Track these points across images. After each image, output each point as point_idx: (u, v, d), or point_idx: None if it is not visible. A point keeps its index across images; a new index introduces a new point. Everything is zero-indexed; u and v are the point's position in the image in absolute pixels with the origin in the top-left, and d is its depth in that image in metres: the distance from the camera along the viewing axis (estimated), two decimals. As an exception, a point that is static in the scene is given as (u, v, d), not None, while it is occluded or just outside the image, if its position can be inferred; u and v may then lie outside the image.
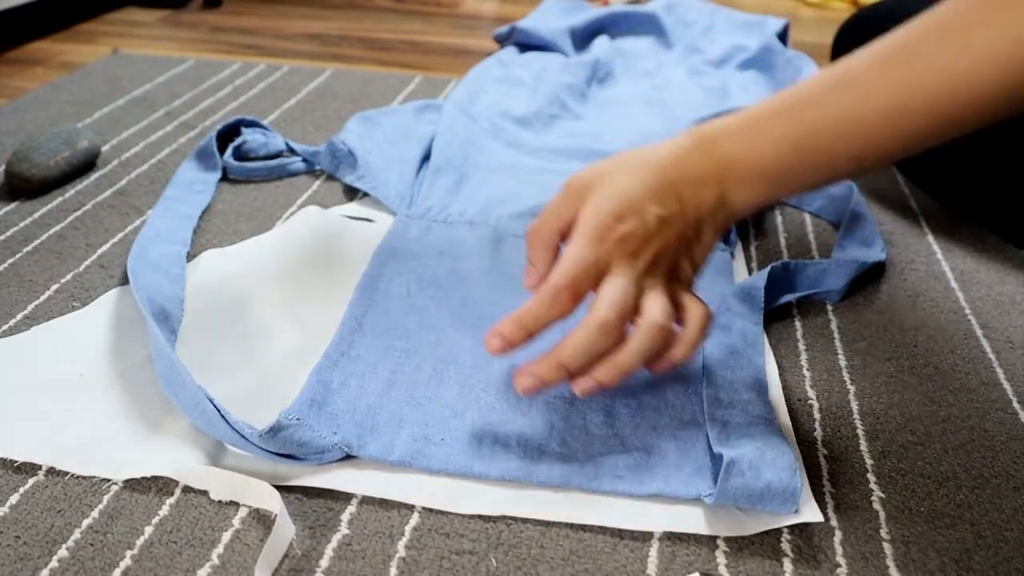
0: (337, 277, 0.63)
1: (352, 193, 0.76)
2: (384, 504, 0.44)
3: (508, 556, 0.41)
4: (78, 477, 0.45)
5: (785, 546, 0.42)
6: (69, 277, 0.63)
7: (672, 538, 0.42)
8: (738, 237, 0.69)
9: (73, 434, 0.47)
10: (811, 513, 0.42)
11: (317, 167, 0.80)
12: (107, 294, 0.60)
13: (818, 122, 0.43)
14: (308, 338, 0.55)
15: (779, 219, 0.73)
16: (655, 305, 0.45)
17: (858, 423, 0.50)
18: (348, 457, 0.46)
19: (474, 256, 0.64)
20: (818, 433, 0.50)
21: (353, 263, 0.64)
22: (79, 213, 0.72)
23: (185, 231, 0.67)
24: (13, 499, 0.44)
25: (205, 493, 0.44)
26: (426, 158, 0.80)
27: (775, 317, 0.60)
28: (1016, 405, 0.52)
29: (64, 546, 0.41)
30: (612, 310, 0.44)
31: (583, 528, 0.43)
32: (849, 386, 0.53)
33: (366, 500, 0.44)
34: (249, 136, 0.81)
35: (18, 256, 0.65)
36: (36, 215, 0.71)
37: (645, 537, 0.42)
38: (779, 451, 0.44)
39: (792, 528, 0.43)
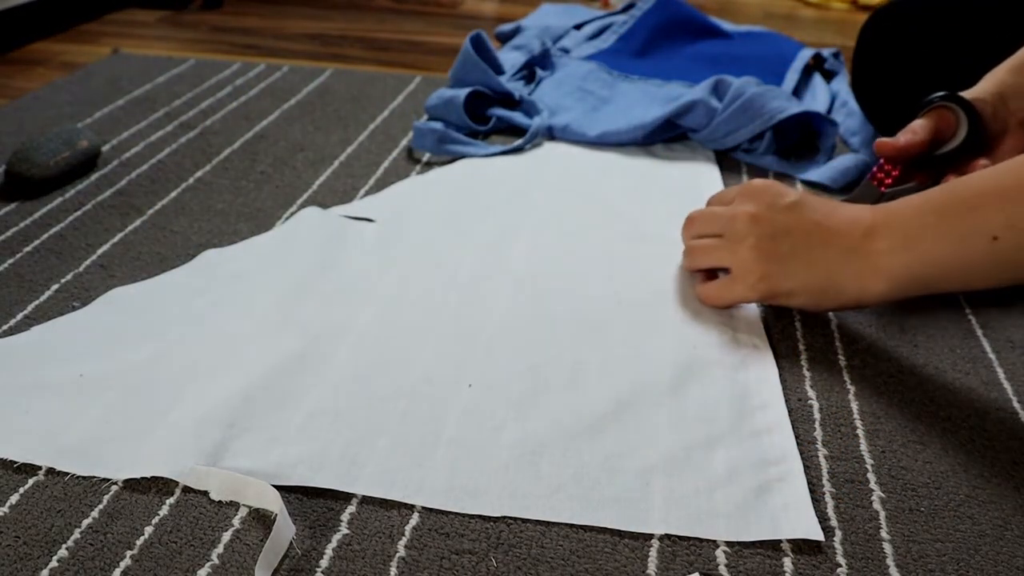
0: (337, 278, 0.63)
1: (352, 193, 0.76)
2: (384, 504, 0.44)
3: (508, 556, 0.41)
4: (78, 477, 0.45)
5: (785, 546, 0.42)
6: (69, 277, 0.63)
7: (672, 538, 0.42)
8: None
9: (73, 434, 0.47)
10: (812, 530, 0.43)
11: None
12: (107, 294, 0.60)
13: (965, 189, 0.49)
14: (307, 339, 0.55)
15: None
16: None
17: (858, 423, 0.50)
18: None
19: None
20: (818, 433, 0.50)
21: (353, 264, 0.64)
22: (79, 213, 0.72)
23: None
24: (13, 499, 0.44)
25: (205, 493, 0.44)
26: None
27: (775, 316, 0.60)
28: (1016, 405, 0.52)
29: (64, 546, 0.41)
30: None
31: (583, 528, 0.43)
32: (849, 386, 0.53)
33: (366, 500, 0.44)
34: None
35: (18, 256, 0.65)
36: (36, 215, 0.71)
37: (645, 537, 0.42)
38: None
39: (792, 528, 0.43)
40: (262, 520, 0.43)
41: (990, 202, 0.47)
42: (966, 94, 0.65)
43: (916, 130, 0.64)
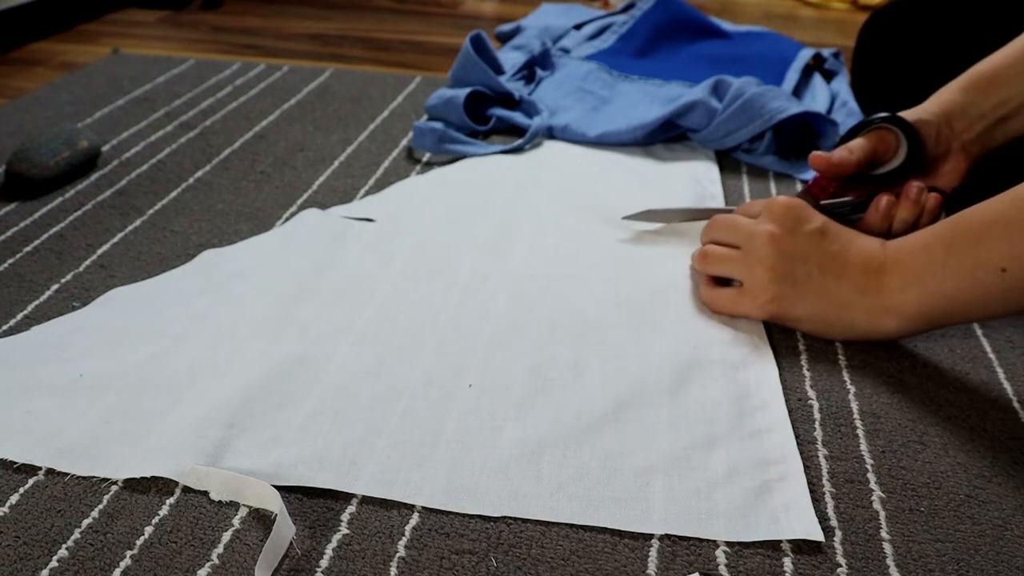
0: (336, 278, 0.63)
1: (352, 193, 0.76)
2: (384, 504, 0.44)
3: (508, 556, 0.41)
4: (78, 477, 0.45)
5: (785, 546, 0.42)
6: (69, 277, 0.63)
7: (672, 538, 0.42)
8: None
9: (73, 434, 0.47)
10: (812, 530, 0.42)
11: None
12: (107, 294, 0.60)
13: (969, 222, 0.49)
14: (307, 339, 0.55)
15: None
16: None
17: (858, 423, 0.50)
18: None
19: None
20: (818, 433, 0.50)
21: (353, 264, 0.64)
22: (79, 213, 0.72)
23: None
24: (13, 499, 0.44)
25: (205, 493, 0.44)
26: None
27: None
28: (1016, 405, 0.52)
29: (64, 546, 0.41)
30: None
31: (583, 528, 0.43)
32: (849, 386, 0.53)
33: (366, 500, 0.44)
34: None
35: (18, 256, 0.65)
36: (36, 215, 0.71)
37: (645, 537, 0.42)
38: None
39: (792, 528, 0.43)
40: (262, 520, 0.43)
41: (996, 234, 0.47)
42: (911, 115, 0.65)
43: (852, 149, 0.64)
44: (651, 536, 0.42)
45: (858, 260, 0.54)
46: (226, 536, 0.42)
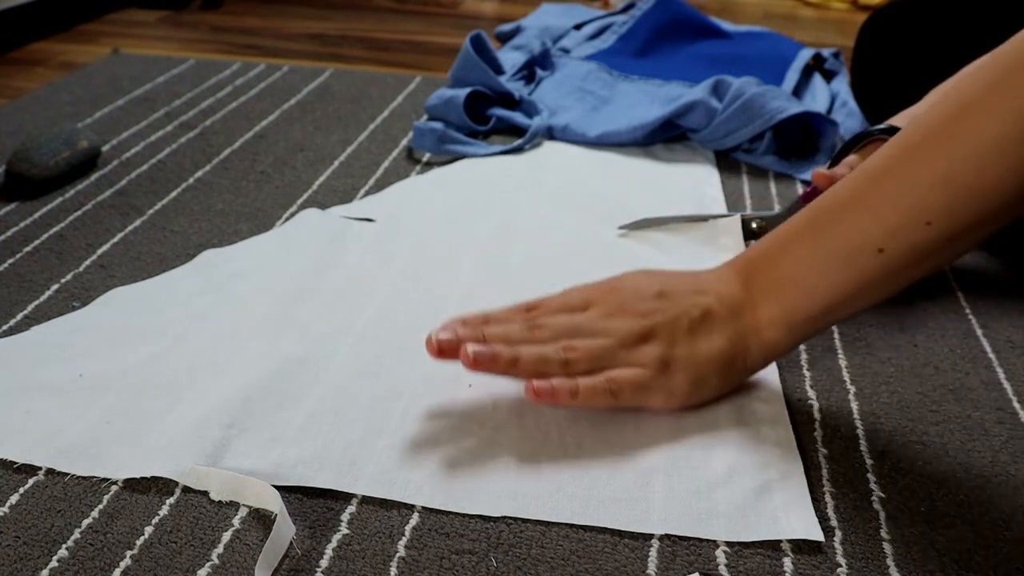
0: (336, 278, 0.63)
1: (352, 193, 0.76)
2: (384, 504, 0.44)
3: (508, 556, 0.41)
4: (78, 477, 0.45)
5: (785, 546, 0.42)
6: (69, 277, 0.63)
7: (672, 538, 0.42)
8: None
9: (73, 434, 0.47)
10: (812, 530, 0.42)
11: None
12: (107, 294, 0.60)
13: (828, 211, 0.46)
14: (307, 339, 0.55)
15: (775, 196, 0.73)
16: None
17: (858, 423, 0.50)
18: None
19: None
20: (818, 433, 0.50)
21: (353, 264, 0.64)
22: (79, 213, 0.72)
23: None
24: (13, 499, 0.44)
25: (205, 493, 0.44)
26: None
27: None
28: (1016, 405, 0.52)
29: (64, 546, 0.41)
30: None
31: (583, 528, 0.43)
32: (849, 386, 0.53)
33: (366, 500, 0.44)
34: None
35: (18, 256, 0.65)
36: (36, 215, 0.71)
37: (645, 537, 0.42)
38: None
39: (792, 528, 0.43)
40: (262, 520, 0.43)
41: (859, 214, 0.44)
42: (903, 120, 0.65)
43: (853, 167, 0.64)
44: (651, 536, 0.42)
45: (715, 294, 0.49)
46: (226, 536, 0.42)
